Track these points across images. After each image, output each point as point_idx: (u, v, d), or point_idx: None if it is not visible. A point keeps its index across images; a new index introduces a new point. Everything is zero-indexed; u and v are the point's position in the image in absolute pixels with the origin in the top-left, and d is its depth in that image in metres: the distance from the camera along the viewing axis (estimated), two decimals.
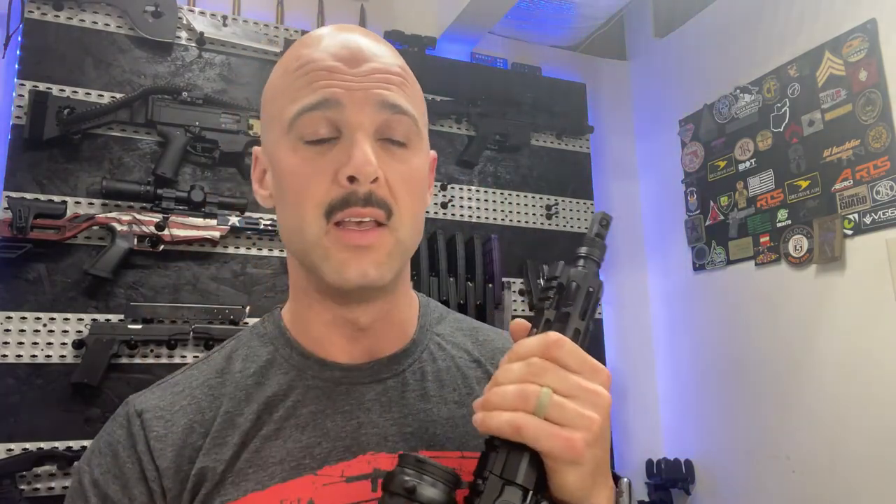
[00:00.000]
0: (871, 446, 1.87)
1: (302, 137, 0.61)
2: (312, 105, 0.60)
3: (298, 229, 0.61)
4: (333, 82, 0.60)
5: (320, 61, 0.61)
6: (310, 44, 0.64)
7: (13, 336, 1.74)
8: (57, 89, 1.88)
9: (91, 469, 0.63)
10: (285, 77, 0.64)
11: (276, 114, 0.63)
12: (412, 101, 0.65)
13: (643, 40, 2.89)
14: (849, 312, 1.96)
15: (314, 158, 0.60)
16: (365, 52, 0.63)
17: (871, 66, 1.94)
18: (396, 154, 0.62)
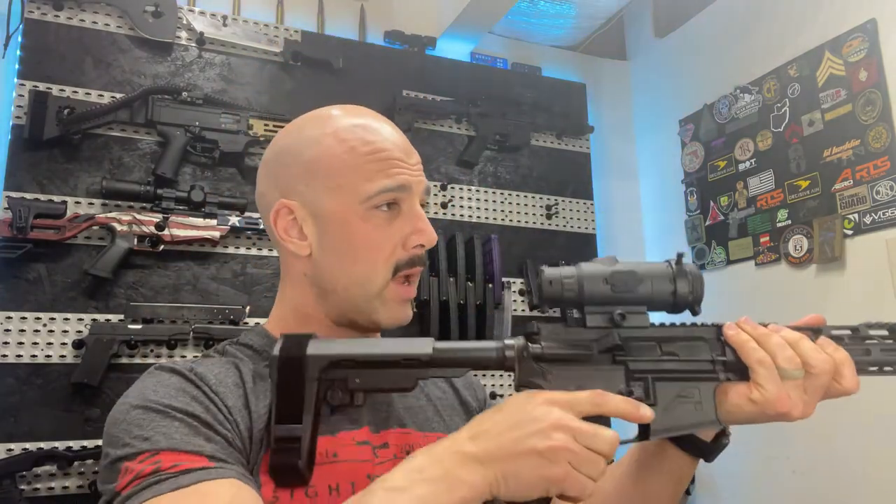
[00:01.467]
0: (870, 446, 1.87)
1: (375, 208, 0.76)
2: (393, 188, 0.76)
3: (364, 279, 0.77)
4: (404, 171, 0.78)
5: (392, 151, 0.78)
6: (370, 129, 0.80)
7: (13, 336, 1.74)
8: (57, 89, 1.88)
9: (158, 398, 0.67)
10: (354, 156, 0.77)
11: (346, 185, 0.77)
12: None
13: (643, 40, 2.89)
14: (849, 312, 1.96)
15: (385, 226, 0.77)
16: (409, 144, 0.82)
17: (871, 66, 1.94)
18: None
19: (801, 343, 0.71)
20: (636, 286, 0.68)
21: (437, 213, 2.32)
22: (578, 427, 0.59)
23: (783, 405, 0.67)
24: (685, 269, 0.71)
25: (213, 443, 0.65)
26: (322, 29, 2.33)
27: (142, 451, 0.62)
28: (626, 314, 0.69)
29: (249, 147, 2.04)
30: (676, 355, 0.69)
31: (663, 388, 0.67)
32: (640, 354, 0.68)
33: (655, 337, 0.70)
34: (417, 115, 2.33)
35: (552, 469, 0.58)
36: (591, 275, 0.68)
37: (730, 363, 0.69)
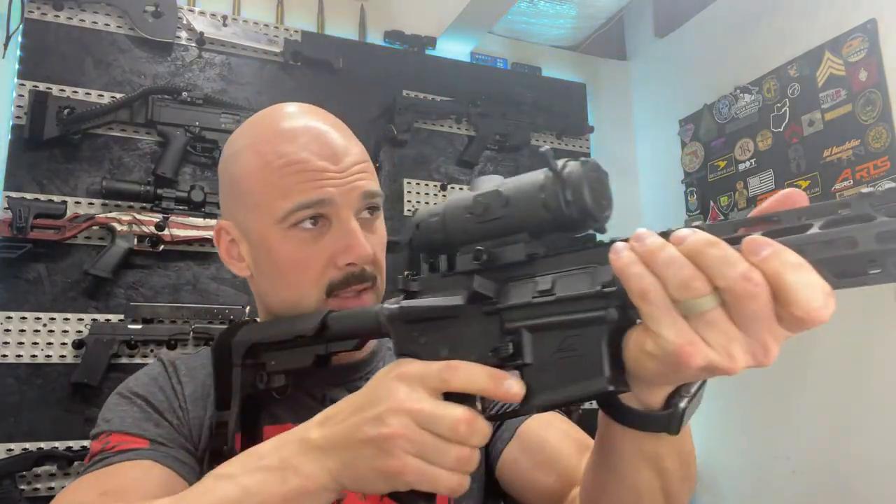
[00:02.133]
0: (871, 446, 1.87)
1: (295, 226, 0.70)
2: (309, 204, 0.69)
3: (296, 302, 0.71)
4: (324, 182, 0.70)
5: (308, 162, 0.70)
6: (287, 138, 0.72)
7: (13, 336, 1.74)
8: (57, 89, 1.88)
9: (129, 386, 0.75)
10: (268, 172, 0.71)
11: (262, 203, 0.71)
12: (376, 177, 0.76)
13: (643, 40, 2.88)
14: (849, 312, 1.96)
15: (309, 244, 0.70)
16: (340, 146, 0.73)
17: (871, 66, 1.94)
18: (373, 225, 0.75)
19: (705, 254, 0.40)
20: (502, 210, 0.51)
21: None
22: (419, 409, 0.49)
23: (691, 356, 0.41)
24: (560, 172, 0.49)
25: (160, 427, 0.70)
26: (322, 29, 2.33)
27: (101, 431, 0.71)
28: (498, 248, 0.52)
29: None
30: (553, 293, 0.48)
31: (540, 342, 0.49)
32: (512, 299, 0.51)
33: (531, 272, 0.50)
34: (417, 115, 2.33)
35: (387, 461, 0.49)
36: (453, 208, 0.54)
37: (623, 293, 0.44)
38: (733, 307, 0.40)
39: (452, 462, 0.49)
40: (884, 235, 0.38)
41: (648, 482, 0.57)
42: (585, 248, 0.50)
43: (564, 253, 0.50)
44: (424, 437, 0.49)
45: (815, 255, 0.39)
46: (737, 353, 0.42)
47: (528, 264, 0.51)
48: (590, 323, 0.47)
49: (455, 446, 0.49)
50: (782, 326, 0.41)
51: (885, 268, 0.38)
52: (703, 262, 0.41)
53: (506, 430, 0.75)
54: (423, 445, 0.49)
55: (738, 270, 0.39)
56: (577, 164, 0.50)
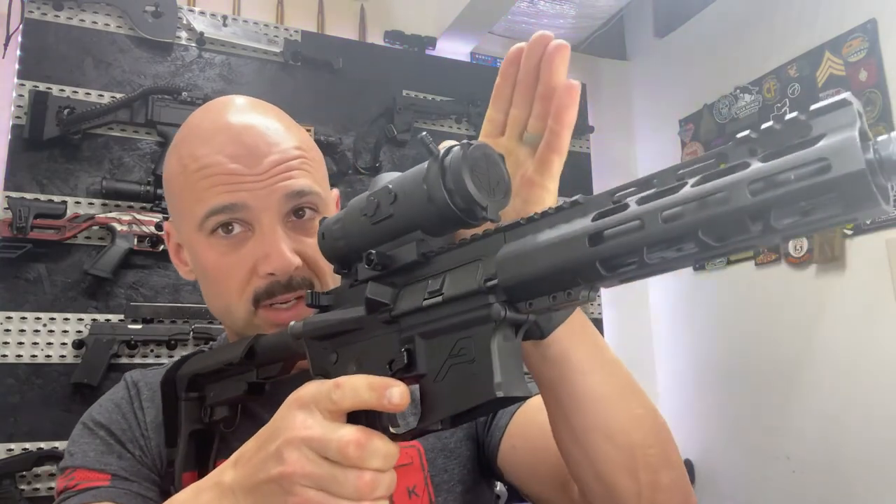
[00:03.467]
0: (871, 446, 1.87)
1: (211, 232, 0.66)
2: (219, 209, 0.64)
3: (227, 312, 0.68)
4: (236, 185, 0.64)
5: (219, 165, 0.64)
6: (204, 139, 0.66)
7: (13, 336, 1.74)
8: (57, 89, 1.88)
9: (92, 416, 0.72)
10: (186, 176, 0.67)
11: (184, 209, 0.67)
12: (314, 175, 0.69)
13: (643, 40, 2.88)
14: (849, 312, 1.96)
15: (230, 252, 0.66)
16: (261, 145, 0.66)
17: (871, 66, 1.94)
18: (308, 227, 0.67)
19: None
20: (392, 207, 0.46)
21: None
22: (310, 436, 0.45)
23: None
24: (441, 159, 0.44)
25: (122, 460, 0.68)
26: (322, 29, 2.33)
27: (66, 466, 0.68)
28: (393, 249, 0.47)
29: None
30: (441, 292, 0.44)
31: (433, 349, 0.45)
32: (405, 304, 0.46)
33: (426, 274, 0.46)
34: (417, 115, 2.33)
35: (289, 499, 0.45)
36: (352, 210, 0.50)
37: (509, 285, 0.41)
38: None
39: (352, 491, 0.44)
40: (757, 187, 0.32)
41: (576, 390, 0.54)
42: (474, 239, 0.45)
43: (454, 248, 0.46)
44: (322, 468, 0.44)
45: (692, 217, 0.34)
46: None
47: (425, 265, 0.47)
48: (476, 322, 0.43)
49: (352, 472, 0.44)
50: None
51: (768, 224, 0.32)
52: None
53: (502, 417, 0.71)
54: (321, 478, 0.44)
55: None
56: (458, 148, 0.44)
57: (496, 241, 0.43)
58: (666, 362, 2.62)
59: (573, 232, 0.39)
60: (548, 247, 0.40)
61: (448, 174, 0.44)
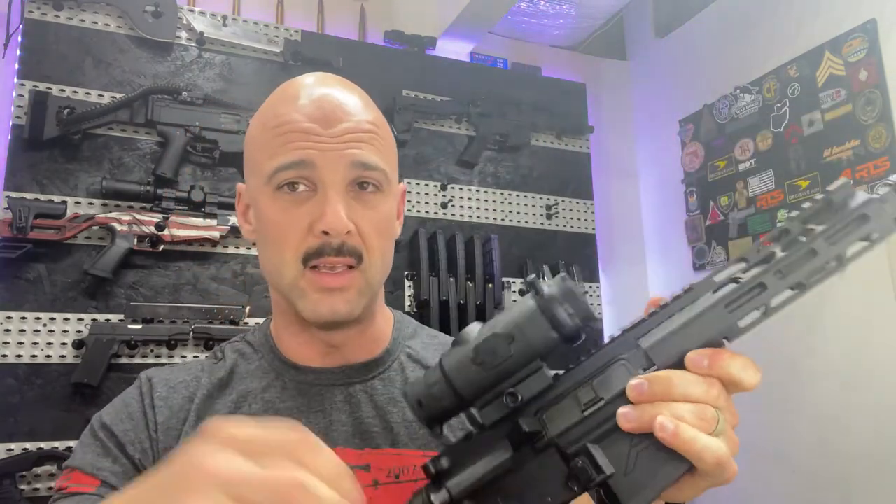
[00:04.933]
0: (870, 446, 1.87)
1: (278, 187, 0.68)
2: (288, 164, 0.66)
3: (278, 270, 0.69)
4: (308, 143, 0.66)
5: (296, 123, 0.67)
6: (287, 100, 0.70)
7: (13, 336, 1.74)
8: (57, 89, 1.88)
9: (101, 417, 0.71)
10: (264, 132, 0.70)
11: (257, 165, 0.70)
12: (383, 154, 0.71)
13: (643, 40, 2.88)
14: (849, 312, 1.96)
15: (291, 209, 0.67)
16: (338, 112, 0.68)
17: (871, 66, 1.94)
18: (368, 201, 0.69)
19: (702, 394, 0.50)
20: (509, 347, 0.50)
21: (437, 213, 2.32)
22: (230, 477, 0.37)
23: (731, 466, 0.50)
24: (550, 293, 0.50)
25: (117, 464, 0.67)
26: (322, 29, 2.33)
27: (66, 465, 0.68)
28: (519, 385, 0.50)
29: None
30: (600, 397, 0.50)
31: (612, 447, 0.49)
32: (561, 423, 0.50)
33: (567, 390, 0.51)
34: (417, 115, 2.33)
35: None
36: (456, 367, 0.51)
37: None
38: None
39: None
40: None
41: None
42: (602, 347, 0.51)
43: (583, 362, 0.51)
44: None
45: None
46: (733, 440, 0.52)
47: (553, 386, 0.51)
48: None
49: None
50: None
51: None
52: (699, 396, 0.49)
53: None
54: None
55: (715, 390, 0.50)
56: (556, 280, 0.51)
57: (626, 341, 0.51)
58: None
59: (708, 305, 0.49)
60: (689, 324, 0.50)
61: (566, 300, 0.50)
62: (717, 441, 0.48)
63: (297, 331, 0.74)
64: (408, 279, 2.21)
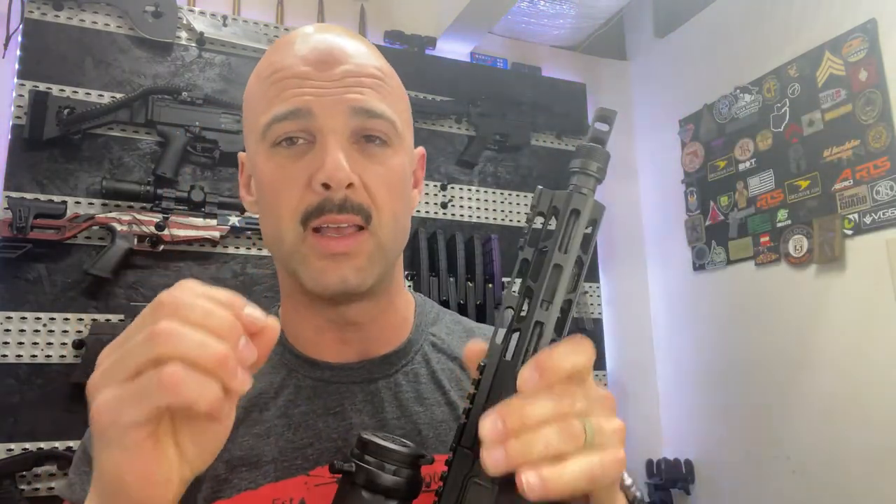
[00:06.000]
0: (870, 446, 1.87)
1: (274, 144, 0.60)
2: (283, 115, 0.59)
3: (277, 236, 0.61)
4: (303, 90, 0.59)
5: (290, 68, 0.60)
6: (282, 48, 0.63)
7: (13, 336, 1.74)
8: (57, 89, 1.88)
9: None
10: (259, 84, 0.63)
11: (252, 121, 0.63)
12: (390, 102, 0.63)
13: (643, 40, 2.88)
14: (849, 312, 1.96)
15: (287, 165, 0.60)
16: (337, 54, 0.61)
17: (871, 66, 1.94)
18: (375, 155, 0.61)
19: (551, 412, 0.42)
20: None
21: (437, 213, 2.32)
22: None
23: (620, 463, 0.44)
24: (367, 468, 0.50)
25: None
26: None
27: (63, 495, 0.62)
28: None
29: None
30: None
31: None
32: None
33: None
34: (417, 114, 2.33)
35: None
36: None
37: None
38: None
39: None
40: None
41: None
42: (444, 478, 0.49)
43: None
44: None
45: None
46: (612, 417, 0.45)
47: None
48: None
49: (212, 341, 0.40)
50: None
51: None
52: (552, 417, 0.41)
53: None
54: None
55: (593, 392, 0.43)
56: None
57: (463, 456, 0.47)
58: (666, 362, 2.62)
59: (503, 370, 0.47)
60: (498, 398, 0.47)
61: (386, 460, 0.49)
62: (587, 461, 0.41)
63: (307, 314, 0.67)
64: (408, 279, 2.21)
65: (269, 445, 0.62)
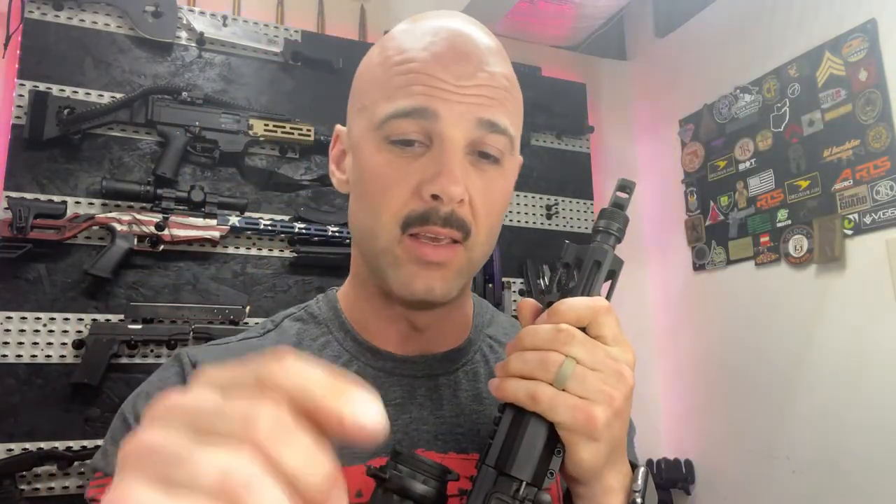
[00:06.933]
0: (871, 446, 1.87)
1: (389, 138, 0.58)
2: (407, 111, 0.57)
3: (371, 231, 0.60)
4: (433, 89, 0.57)
5: (422, 63, 0.58)
6: (415, 35, 0.60)
7: (13, 336, 1.74)
8: (57, 89, 1.88)
9: (136, 409, 0.61)
10: (384, 68, 0.60)
11: (368, 104, 0.61)
12: (512, 117, 0.61)
13: (643, 40, 2.88)
14: (849, 312, 1.96)
15: (399, 163, 0.58)
16: (474, 57, 0.59)
17: (871, 66, 1.94)
18: (486, 172, 0.60)
19: (537, 339, 0.51)
20: None
21: None
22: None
23: (590, 410, 0.49)
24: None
25: None
26: (322, 29, 2.33)
27: (98, 468, 0.59)
28: None
29: (249, 147, 2.04)
30: None
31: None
32: None
33: None
34: None
35: None
36: None
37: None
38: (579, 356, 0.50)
39: None
40: None
41: None
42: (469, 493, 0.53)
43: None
44: None
45: None
46: (611, 382, 0.50)
47: None
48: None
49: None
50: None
51: None
52: (542, 344, 0.50)
53: None
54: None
55: (562, 332, 0.50)
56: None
57: (487, 474, 0.51)
58: (665, 362, 2.62)
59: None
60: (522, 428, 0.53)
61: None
62: (540, 387, 0.48)
63: (379, 305, 0.65)
64: None
65: None
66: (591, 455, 0.50)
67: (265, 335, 0.68)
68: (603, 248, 0.55)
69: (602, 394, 0.49)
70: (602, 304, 0.53)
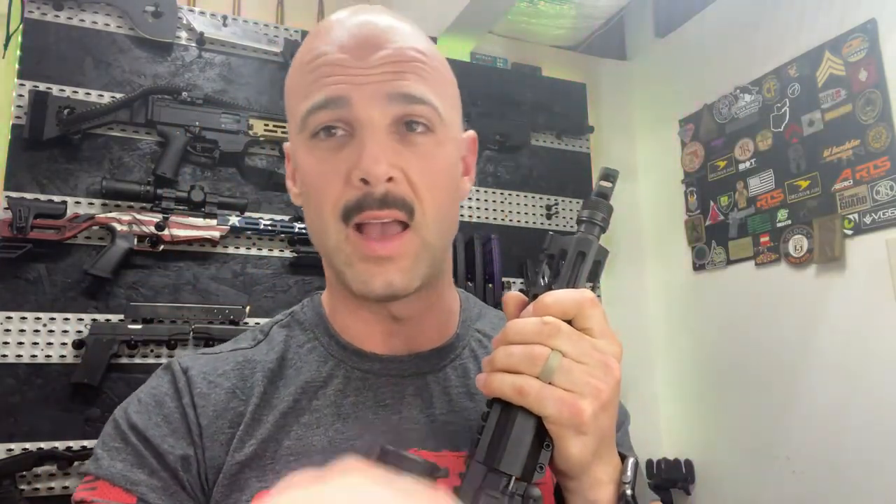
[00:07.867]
0: (871, 446, 1.87)
1: (312, 133, 0.59)
2: (319, 104, 0.57)
3: (321, 232, 0.60)
4: (339, 77, 0.57)
5: (328, 55, 0.58)
6: (320, 34, 0.61)
7: (13, 336, 1.74)
8: (57, 89, 1.88)
9: (128, 415, 0.61)
10: (298, 72, 0.62)
11: (292, 110, 0.62)
12: (432, 85, 0.60)
13: (643, 40, 2.88)
14: (849, 312, 1.96)
15: (327, 158, 0.58)
16: (376, 38, 0.59)
17: (871, 66, 1.94)
18: (417, 144, 0.59)
19: (524, 332, 0.51)
20: None
21: None
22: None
23: (576, 404, 0.49)
24: None
25: (155, 477, 0.58)
26: None
27: (89, 472, 0.59)
28: None
29: (249, 147, 2.04)
30: None
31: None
32: None
33: None
34: None
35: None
36: None
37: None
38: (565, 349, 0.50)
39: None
40: None
41: None
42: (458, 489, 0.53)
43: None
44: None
45: None
46: (597, 375, 0.50)
47: None
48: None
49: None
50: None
51: None
52: (528, 338, 0.50)
53: None
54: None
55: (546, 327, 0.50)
56: None
57: (476, 470, 0.51)
58: (665, 362, 2.62)
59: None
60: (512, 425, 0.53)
61: None
62: (527, 381, 0.49)
63: (354, 306, 0.65)
64: None
65: (318, 436, 0.60)
66: (580, 448, 0.50)
67: (257, 346, 0.68)
68: (587, 239, 0.55)
69: (589, 386, 0.49)
70: (588, 297, 0.52)
